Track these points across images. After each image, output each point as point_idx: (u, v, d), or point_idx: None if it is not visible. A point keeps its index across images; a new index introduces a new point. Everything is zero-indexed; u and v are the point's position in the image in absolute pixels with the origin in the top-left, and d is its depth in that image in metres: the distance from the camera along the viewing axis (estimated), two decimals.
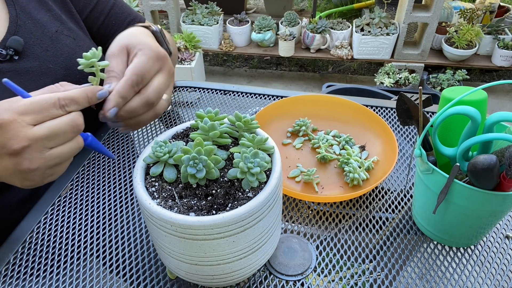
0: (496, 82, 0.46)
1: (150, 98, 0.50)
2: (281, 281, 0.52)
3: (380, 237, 0.57)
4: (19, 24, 0.58)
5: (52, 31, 0.62)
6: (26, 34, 0.59)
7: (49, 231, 0.59)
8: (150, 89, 0.50)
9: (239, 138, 0.47)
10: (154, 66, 0.51)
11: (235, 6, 2.83)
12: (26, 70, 0.58)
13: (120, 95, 0.47)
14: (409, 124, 0.57)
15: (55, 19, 0.63)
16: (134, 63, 0.49)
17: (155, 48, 0.52)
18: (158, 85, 0.51)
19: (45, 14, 0.62)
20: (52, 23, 0.62)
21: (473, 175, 0.44)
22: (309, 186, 0.64)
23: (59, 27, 0.63)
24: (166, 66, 0.53)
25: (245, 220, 0.39)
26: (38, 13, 0.61)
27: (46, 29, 0.61)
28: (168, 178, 0.42)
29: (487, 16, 2.49)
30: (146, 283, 0.52)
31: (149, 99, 0.49)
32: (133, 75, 0.48)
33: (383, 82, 2.29)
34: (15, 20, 0.58)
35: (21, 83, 0.56)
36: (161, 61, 0.52)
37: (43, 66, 0.60)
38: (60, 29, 0.63)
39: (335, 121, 0.76)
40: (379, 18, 2.32)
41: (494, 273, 0.52)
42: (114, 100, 0.47)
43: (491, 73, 2.69)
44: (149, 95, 0.50)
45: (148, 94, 0.49)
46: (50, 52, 0.61)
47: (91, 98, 0.44)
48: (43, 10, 0.62)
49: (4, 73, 0.56)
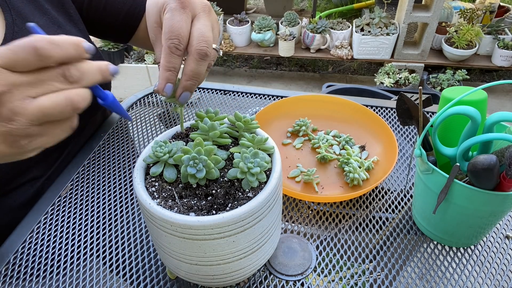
0: (496, 82, 0.46)
1: (200, 50, 0.44)
2: (281, 281, 0.52)
3: (380, 237, 0.57)
4: (15, 31, 0.57)
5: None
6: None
7: (49, 231, 0.59)
8: (195, 42, 0.44)
9: (239, 138, 0.47)
10: (183, 17, 0.44)
11: (235, 6, 2.83)
12: None
13: (165, 68, 0.43)
14: (409, 124, 0.57)
15: (52, 23, 0.63)
16: (163, 28, 0.45)
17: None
18: (199, 32, 0.44)
19: (42, 18, 0.61)
20: (49, 27, 0.62)
21: (473, 175, 0.44)
22: (309, 186, 0.64)
23: (56, 30, 0.62)
24: (197, 6, 0.46)
25: (245, 220, 0.39)
26: (34, 18, 0.60)
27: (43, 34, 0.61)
28: (168, 178, 0.42)
29: (487, 16, 2.49)
30: (146, 283, 0.52)
31: (200, 51, 0.44)
32: (167, 41, 0.44)
33: (383, 82, 2.29)
34: (12, 27, 0.57)
35: None
36: (189, 5, 0.45)
37: None
38: (57, 33, 0.63)
39: (335, 121, 0.76)
40: (379, 18, 2.33)
41: (494, 273, 0.52)
42: (162, 76, 0.44)
43: (491, 73, 2.70)
44: (197, 48, 0.44)
45: (196, 48, 0.44)
46: None
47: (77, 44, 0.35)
48: (40, 14, 0.61)
49: None
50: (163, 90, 0.44)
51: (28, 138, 0.36)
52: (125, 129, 0.80)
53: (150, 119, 0.82)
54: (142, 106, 0.86)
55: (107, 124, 0.80)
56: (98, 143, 0.75)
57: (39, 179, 0.64)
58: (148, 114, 0.84)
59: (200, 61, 0.44)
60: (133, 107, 0.86)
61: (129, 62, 2.46)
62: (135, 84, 2.46)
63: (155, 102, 0.88)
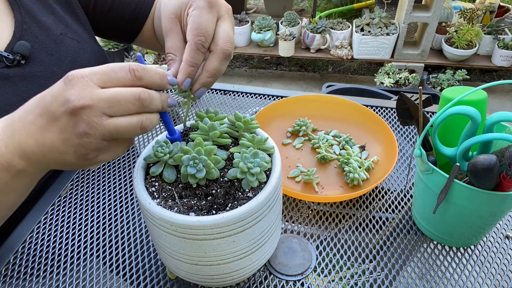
0: (496, 82, 0.46)
1: (226, 50, 0.45)
2: (281, 281, 0.52)
3: (380, 237, 0.57)
4: (24, 28, 0.58)
5: (56, 34, 0.62)
6: (31, 38, 0.58)
7: (49, 231, 0.59)
8: (221, 42, 0.45)
9: (239, 138, 0.47)
10: (210, 16, 0.45)
11: (235, 6, 2.82)
12: (32, 74, 0.58)
13: (189, 64, 0.44)
14: (409, 124, 0.57)
15: (59, 21, 0.63)
16: (190, 24, 0.45)
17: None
18: (225, 33, 0.46)
19: (49, 17, 0.62)
20: (57, 25, 0.62)
21: (473, 175, 0.44)
22: (309, 186, 0.64)
23: (63, 29, 0.63)
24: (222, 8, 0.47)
25: (245, 220, 0.39)
26: (42, 16, 0.61)
27: (51, 32, 0.61)
28: (167, 179, 0.42)
29: (487, 16, 2.49)
30: (146, 283, 0.52)
31: (225, 51, 0.45)
32: (194, 37, 0.44)
33: (383, 82, 2.29)
34: (21, 24, 0.58)
35: (27, 88, 0.56)
36: (216, 5, 0.46)
37: (48, 70, 0.60)
38: (64, 32, 0.63)
39: (335, 121, 0.76)
40: (379, 18, 2.33)
41: (494, 273, 0.52)
42: (185, 71, 0.44)
43: (491, 73, 2.70)
44: (223, 48, 0.45)
45: (222, 48, 0.45)
46: (55, 56, 0.61)
47: (162, 75, 0.41)
48: (48, 12, 0.62)
49: (11, 78, 0.56)
50: (182, 84, 0.45)
51: (96, 152, 0.38)
52: None
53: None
54: None
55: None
56: None
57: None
58: None
59: (223, 61, 0.46)
60: None
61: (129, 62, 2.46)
62: None
63: None
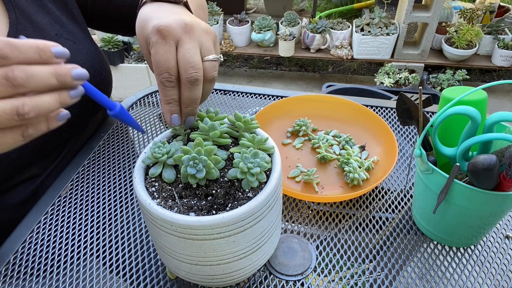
0: (496, 82, 0.46)
1: (189, 77, 0.43)
2: (281, 281, 0.52)
3: (380, 237, 0.57)
4: (19, 29, 0.57)
5: (51, 35, 0.61)
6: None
7: (49, 231, 0.59)
8: (182, 70, 0.43)
9: (239, 138, 0.47)
10: (166, 48, 0.43)
11: (235, 6, 2.83)
12: None
13: (166, 102, 0.44)
14: (409, 124, 0.57)
15: (55, 22, 0.63)
16: (152, 63, 0.44)
17: (154, 25, 0.44)
18: (184, 60, 0.43)
19: (45, 17, 0.62)
20: (52, 26, 0.62)
21: (473, 175, 0.44)
22: (309, 186, 0.64)
23: (59, 30, 0.63)
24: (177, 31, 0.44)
25: (245, 220, 0.39)
26: (38, 16, 0.60)
27: (46, 32, 0.61)
28: (167, 179, 0.42)
29: (487, 16, 2.49)
30: (146, 283, 0.52)
31: (189, 79, 0.43)
32: (157, 76, 0.44)
33: (383, 82, 2.29)
34: (15, 25, 0.57)
35: None
36: (169, 33, 0.44)
37: None
38: (59, 33, 0.63)
39: (335, 121, 0.76)
40: (379, 18, 2.33)
41: (494, 273, 0.52)
42: (166, 109, 0.45)
43: (491, 73, 2.70)
44: (185, 76, 0.43)
45: (184, 77, 0.43)
46: None
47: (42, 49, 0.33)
48: (43, 13, 0.62)
49: None
50: (170, 123, 0.45)
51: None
52: (125, 129, 0.80)
53: (150, 119, 0.82)
54: (142, 106, 0.86)
55: (107, 124, 0.80)
56: (98, 143, 0.75)
57: (38, 177, 0.64)
58: (148, 114, 0.84)
59: (192, 88, 0.44)
60: (133, 107, 0.86)
61: (129, 62, 2.46)
62: (135, 84, 2.47)
63: (155, 102, 0.88)
